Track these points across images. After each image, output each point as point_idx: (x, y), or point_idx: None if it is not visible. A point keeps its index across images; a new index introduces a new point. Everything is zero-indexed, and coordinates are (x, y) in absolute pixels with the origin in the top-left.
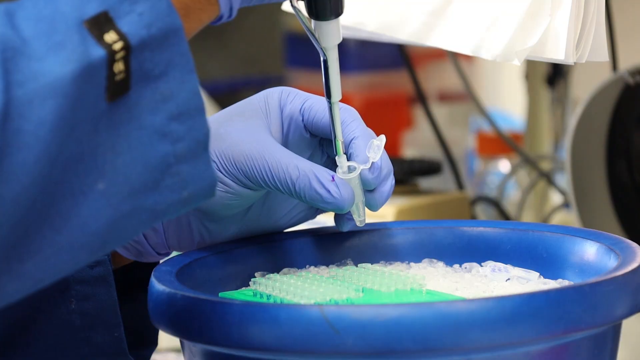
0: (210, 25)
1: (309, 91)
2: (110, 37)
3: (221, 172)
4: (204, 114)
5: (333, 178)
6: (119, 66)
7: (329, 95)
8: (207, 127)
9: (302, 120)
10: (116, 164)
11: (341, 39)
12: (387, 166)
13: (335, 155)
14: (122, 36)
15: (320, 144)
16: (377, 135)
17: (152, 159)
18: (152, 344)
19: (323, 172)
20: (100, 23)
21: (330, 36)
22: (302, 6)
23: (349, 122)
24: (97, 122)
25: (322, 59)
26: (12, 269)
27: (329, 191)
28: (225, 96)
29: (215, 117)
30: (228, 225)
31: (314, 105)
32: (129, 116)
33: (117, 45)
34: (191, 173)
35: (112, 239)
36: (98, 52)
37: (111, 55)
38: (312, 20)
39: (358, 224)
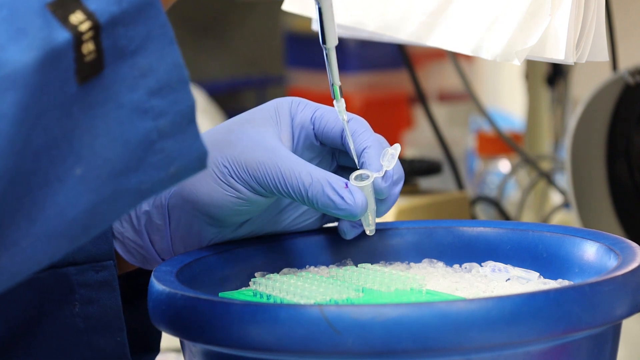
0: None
1: (309, 90)
2: (76, 17)
3: (232, 178)
4: (188, 86)
5: (346, 185)
6: (88, 47)
7: (324, 41)
8: (191, 99)
9: (313, 129)
10: (94, 146)
11: None
12: (399, 172)
13: (334, 100)
14: (89, 15)
15: (329, 153)
16: (387, 141)
17: (132, 137)
18: (154, 350)
19: (336, 179)
20: (65, 4)
21: None
22: None
23: (360, 132)
24: (69, 107)
25: (316, 4)
26: None
27: (342, 198)
28: (225, 96)
29: (226, 124)
30: (236, 232)
31: (324, 114)
32: (105, 96)
33: (84, 26)
34: (177, 148)
35: (94, 224)
36: (63, 36)
37: (77, 37)
38: None
39: (368, 232)
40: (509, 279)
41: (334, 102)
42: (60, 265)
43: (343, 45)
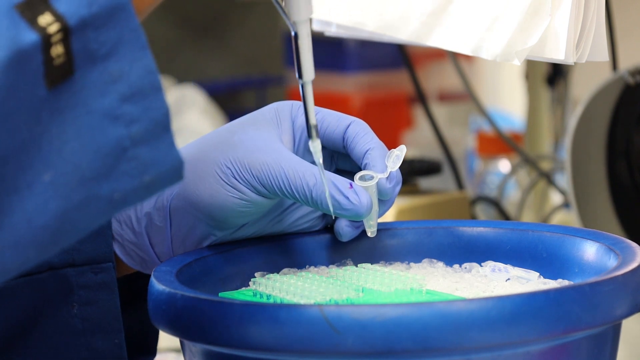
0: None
1: None
2: (45, 19)
3: (236, 180)
4: (161, 92)
5: (351, 185)
6: (56, 50)
7: (300, 74)
8: (165, 107)
9: None
10: (63, 152)
11: (313, 13)
12: (397, 175)
13: (309, 140)
14: (58, 17)
15: (328, 156)
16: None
17: (104, 144)
18: (151, 353)
19: (340, 180)
20: (33, 5)
21: (300, 9)
22: None
23: (362, 135)
24: (38, 111)
25: (292, 34)
26: None
27: (347, 198)
28: (225, 96)
29: (227, 126)
30: (237, 233)
31: (325, 117)
32: (74, 101)
33: (53, 28)
34: (151, 156)
35: (65, 233)
36: (30, 37)
37: (46, 39)
38: None
39: (369, 234)
40: (509, 279)
41: (310, 142)
42: (59, 267)
43: (343, 46)
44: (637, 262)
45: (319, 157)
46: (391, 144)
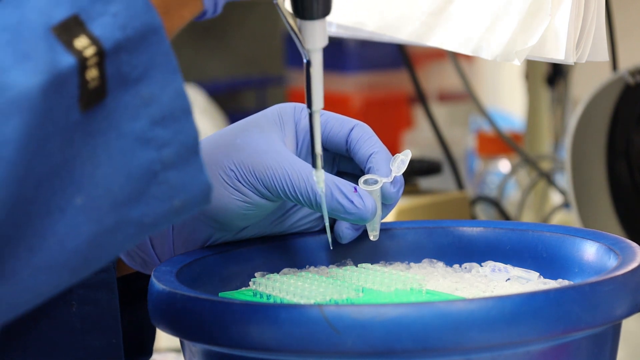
0: (195, 21)
1: None
2: (80, 42)
3: (239, 182)
4: (191, 116)
5: (355, 189)
6: (91, 73)
7: (309, 103)
8: (195, 130)
9: None
10: (95, 176)
11: (327, 42)
12: (401, 179)
13: (313, 169)
14: (94, 40)
15: (330, 158)
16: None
17: (135, 167)
18: (148, 354)
19: (345, 183)
20: (69, 28)
21: (315, 37)
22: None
23: (366, 139)
24: (71, 134)
25: (304, 62)
26: None
27: (352, 202)
28: (225, 96)
29: (230, 129)
30: (238, 235)
31: (329, 120)
32: (106, 124)
33: (89, 51)
34: (181, 180)
35: (97, 256)
36: (67, 60)
37: (82, 63)
38: (297, 20)
39: (372, 237)
40: (509, 279)
41: (313, 171)
42: None
43: (343, 46)
44: (637, 262)
45: (321, 187)
46: (391, 144)
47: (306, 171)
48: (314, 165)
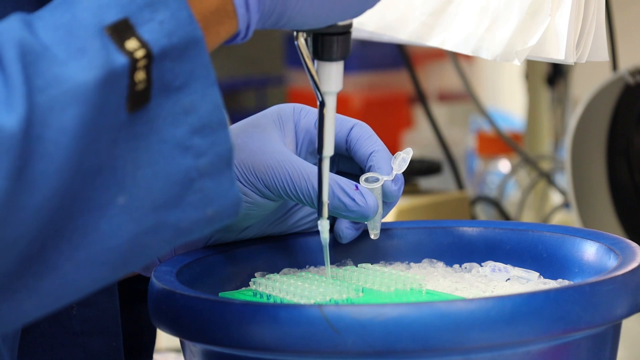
0: (224, 45)
1: (309, 91)
2: (131, 44)
3: (240, 182)
4: (227, 129)
5: (356, 187)
6: (139, 75)
7: (320, 149)
8: (230, 143)
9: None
10: (137, 177)
11: (341, 87)
12: (401, 177)
13: (318, 219)
14: (143, 44)
15: (332, 159)
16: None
17: (174, 173)
18: (148, 357)
19: (346, 181)
20: (121, 30)
21: (331, 80)
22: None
23: (366, 137)
24: (117, 134)
25: (318, 103)
26: (28, 285)
27: (353, 199)
28: (225, 96)
29: (230, 129)
30: (239, 236)
31: None
32: (149, 128)
33: (139, 53)
34: (215, 190)
35: (135, 256)
36: (120, 59)
37: (133, 63)
38: (315, 61)
39: (372, 236)
40: (509, 279)
41: (318, 220)
42: None
43: None
44: (637, 262)
45: (325, 237)
46: (391, 144)
47: (307, 170)
48: (320, 214)
